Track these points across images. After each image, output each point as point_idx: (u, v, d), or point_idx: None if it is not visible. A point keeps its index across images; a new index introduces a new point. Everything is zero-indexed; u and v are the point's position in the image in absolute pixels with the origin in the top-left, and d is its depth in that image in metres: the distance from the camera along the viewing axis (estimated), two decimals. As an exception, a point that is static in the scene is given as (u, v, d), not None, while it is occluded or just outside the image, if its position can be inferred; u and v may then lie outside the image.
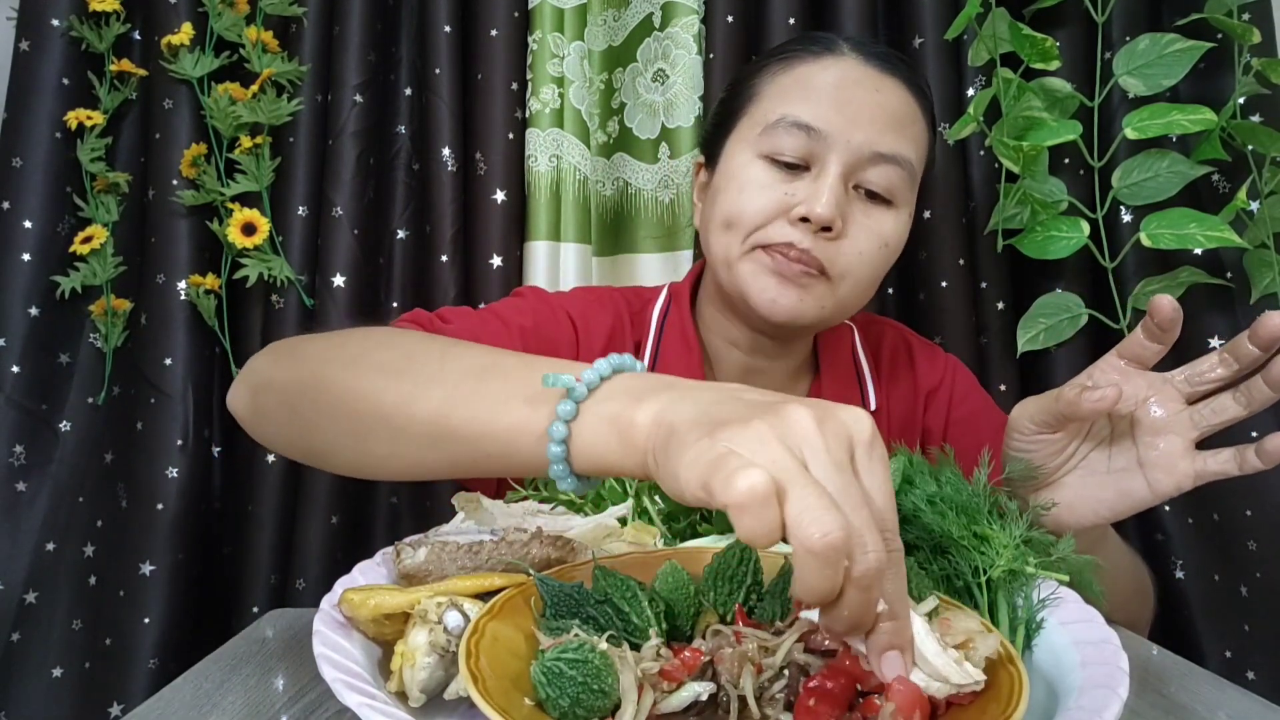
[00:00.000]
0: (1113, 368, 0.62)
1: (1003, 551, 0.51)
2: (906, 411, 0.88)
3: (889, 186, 0.74)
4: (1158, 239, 0.98)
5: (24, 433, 1.08)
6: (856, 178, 0.74)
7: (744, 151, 0.76)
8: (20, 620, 1.06)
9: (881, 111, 0.73)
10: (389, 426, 0.48)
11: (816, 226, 0.72)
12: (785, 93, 0.76)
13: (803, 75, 0.76)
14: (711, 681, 0.39)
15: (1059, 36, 1.05)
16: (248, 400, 0.61)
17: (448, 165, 1.14)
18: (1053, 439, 0.61)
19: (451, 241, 1.14)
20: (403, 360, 0.50)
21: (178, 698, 0.54)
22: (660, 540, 0.57)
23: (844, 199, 0.73)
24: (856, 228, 0.74)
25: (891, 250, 0.77)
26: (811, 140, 0.73)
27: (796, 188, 0.73)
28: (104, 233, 1.10)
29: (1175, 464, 0.59)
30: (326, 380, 0.52)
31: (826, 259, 0.73)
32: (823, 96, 0.73)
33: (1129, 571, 0.77)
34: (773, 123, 0.74)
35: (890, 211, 0.76)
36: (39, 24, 1.11)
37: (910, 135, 0.75)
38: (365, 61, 1.14)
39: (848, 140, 0.72)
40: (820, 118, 0.73)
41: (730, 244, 0.76)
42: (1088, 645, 0.45)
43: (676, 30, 1.14)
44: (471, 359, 0.49)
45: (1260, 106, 1.02)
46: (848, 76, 0.74)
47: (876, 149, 0.73)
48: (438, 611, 0.44)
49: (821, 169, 0.73)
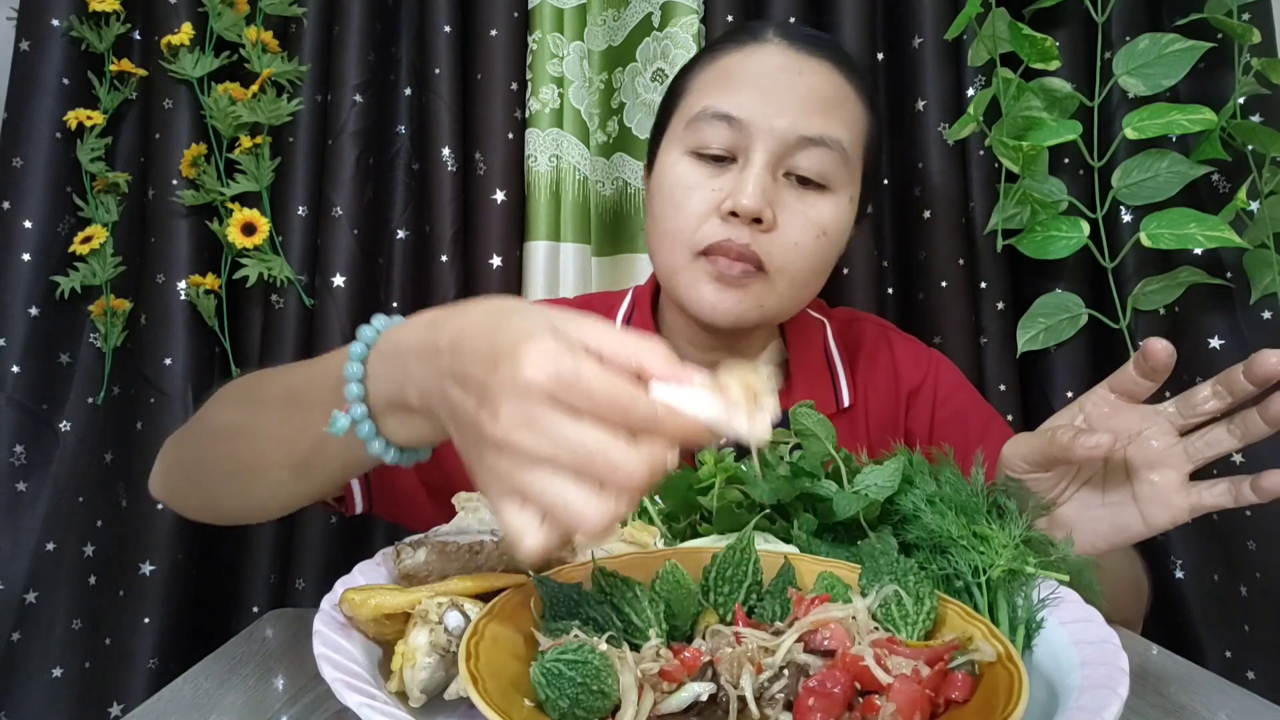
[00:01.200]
0: (1103, 400, 0.61)
1: (1002, 551, 0.51)
2: (887, 412, 0.87)
3: (821, 171, 0.72)
4: (1158, 239, 0.98)
5: (24, 432, 1.08)
6: (786, 164, 0.72)
7: (673, 150, 0.75)
8: (20, 620, 1.06)
9: (806, 95, 0.72)
10: (255, 477, 0.57)
11: (747, 219, 0.70)
12: (708, 85, 0.75)
13: (726, 66, 0.75)
14: (711, 682, 0.39)
15: (1059, 36, 1.05)
16: (161, 484, 0.69)
17: (447, 165, 1.14)
18: (1045, 477, 0.61)
19: (451, 241, 1.14)
20: (240, 417, 0.59)
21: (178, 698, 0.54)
22: (660, 540, 0.57)
23: (772, 188, 0.71)
24: (790, 216, 0.72)
25: (832, 238, 0.74)
26: (735, 130, 0.71)
27: (724, 182, 0.72)
28: (104, 233, 1.10)
29: (1171, 498, 0.59)
30: (203, 452, 0.62)
31: (763, 253, 0.72)
32: (744, 85, 0.72)
33: (1128, 570, 0.77)
34: (695, 116, 0.73)
35: (826, 197, 0.74)
36: (39, 24, 1.11)
37: (840, 116, 0.73)
38: (365, 61, 1.14)
39: (771, 127, 0.71)
40: (741, 106, 0.71)
41: (671, 256, 0.76)
42: (1088, 645, 0.45)
43: (676, 30, 1.14)
44: (277, 391, 0.57)
45: (1260, 106, 1.02)
46: (770, 63, 0.73)
47: (802, 133, 0.71)
48: (438, 612, 0.44)
49: (747, 159, 0.71)
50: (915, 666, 0.39)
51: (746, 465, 0.62)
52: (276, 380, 0.59)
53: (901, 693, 0.37)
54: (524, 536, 0.36)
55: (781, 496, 0.59)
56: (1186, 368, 1.06)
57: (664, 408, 0.36)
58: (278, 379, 0.59)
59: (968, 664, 0.41)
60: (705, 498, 0.61)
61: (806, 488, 0.59)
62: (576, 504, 0.35)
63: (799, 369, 0.85)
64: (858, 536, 0.57)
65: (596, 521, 0.35)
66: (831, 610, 0.43)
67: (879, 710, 0.37)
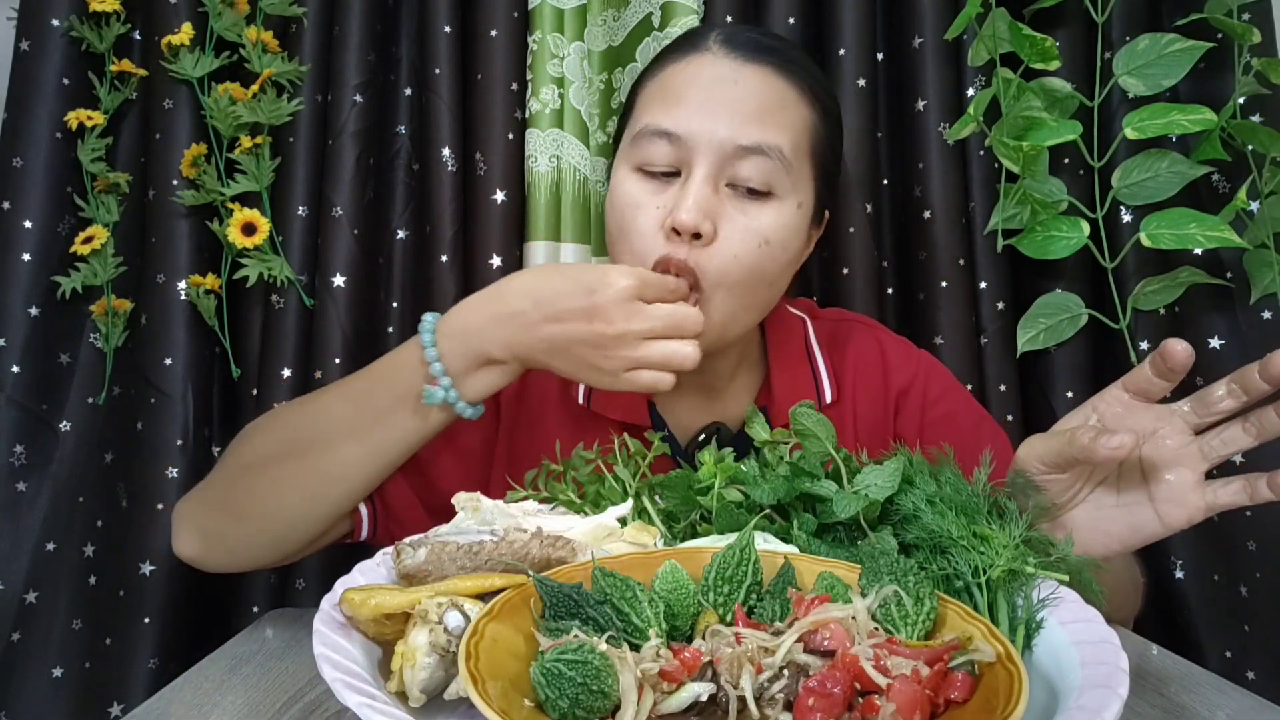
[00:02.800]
0: (1117, 400, 0.61)
1: (1002, 551, 0.51)
2: (876, 412, 0.86)
3: (762, 179, 0.72)
4: (1158, 239, 0.98)
5: (24, 432, 1.08)
6: (727, 175, 0.72)
7: (622, 167, 0.76)
8: (20, 620, 1.06)
9: (742, 104, 0.72)
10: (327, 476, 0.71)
11: (687, 235, 0.70)
12: (651, 101, 0.75)
13: (665, 80, 0.75)
14: (711, 682, 0.39)
15: (1059, 36, 1.05)
16: (193, 540, 0.73)
17: (448, 165, 1.14)
18: (1061, 478, 0.60)
19: (451, 241, 1.14)
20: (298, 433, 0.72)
21: (178, 698, 0.54)
22: (660, 540, 0.57)
23: (714, 200, 0.71)
24: (730, 228, 0.71)
25: (776, 246, 0.73)
26: (675, 146, 0.72)
27: (667, 198, 0.72)
28: (104, 233, 1.10)
29: (1186, 497, 0.59)
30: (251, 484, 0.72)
31: (700, 268, 0.70)
32: (682, 99, 0.72)
33: (1126, 570, 0.77)
34: (638, 133, 0.74)
35: (770, 204, 0.73)
36: (39, 24, 1.11)
37: (779, 121, 0.73)
38: (365, 61, 1.14)
39: (709, 139, 0.71)
40: (679, 122, 0.72)
41: None
42: (1088, 645, 0.45)
43: (676, 30, 1.14)
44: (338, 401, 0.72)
45: (1260, 106, 1.02)
46: (705, 74, 0.73)
47: (739, 142, 0.71)
48: (438, 612, 0.44)
49: (689, 173, 0.72)
50: (915, 666, 0.39)
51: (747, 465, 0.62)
52: (327, 396, 0.73)
53: (901, 693, 0.37)
54: (660, 382, 0.64)
55: (781, 496, 0.59)
56: (1186, 368, 1.06)
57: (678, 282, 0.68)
58: (329, 395, 0.73)
59: (968, 664, 0.41)
60: (705, 498, 0.61)
61: (806, 488, 0.59)
62: (681, 350, 0.64)
63: (778, 364, 0.84)
64: (858, 536, 0.57)
65: (696, 356, 0.64)
66: (831, 610, 0.43)
67: (879, 710, 0.37)
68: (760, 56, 0.74)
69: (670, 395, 0.81)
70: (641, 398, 0.82)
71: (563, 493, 0.65)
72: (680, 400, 0.83)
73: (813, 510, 0.59)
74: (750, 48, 0.74)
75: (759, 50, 0.74)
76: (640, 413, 0.82)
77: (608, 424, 0.81)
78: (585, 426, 0.81)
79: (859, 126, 1.13)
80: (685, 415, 0.83)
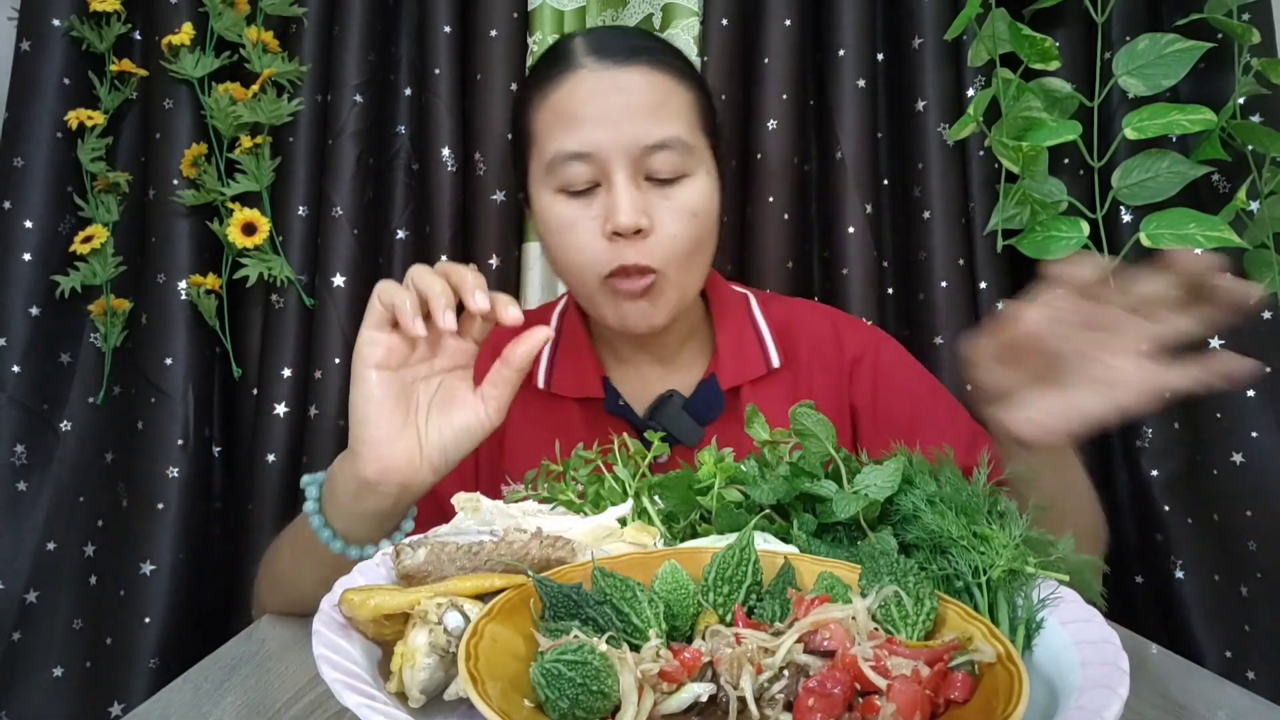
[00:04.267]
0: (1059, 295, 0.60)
1: (1002, 551, 0.51)
2: (830, 380, 0.89)
3: (674, 167, 0.78)
4: (1157, 239, 0.98)
5: (25, 432, 1.08)
6: (643, 171, 0.78)
7: (543, 192, 0.81)
8: (21, 620, 1.06)
9: (635, 107, 0.77)
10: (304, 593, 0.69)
11: (628, 234, 0.76)
12: (549, 129, 0.80)
13: (555, 104, 0.80)
14: (711, 682, 0.39)
15: (1059, 36, 1.05)
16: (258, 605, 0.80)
17: (447, 165, 1.14)
18: (1002, 370, 0.62)
19: (450, 242, 1.14)
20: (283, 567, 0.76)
21: (178, 698, 0.54)
22: (660, 540, 0.57)
23: (640, 196, 0.77)
24: (663, 214, 0.78)
25: (704, 215, 0.80)
26: (588, 163, 0.77)
27: (597, 207, 0.78)
28: (104, 232, 1.10)
29: (1130, 377, 0.58)
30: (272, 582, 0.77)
31: (651, 257, 0.77)
32: (579, 119, 0.78)
33: (1088, 513, 0.76)
34: (549, 161, 0.79)
35: (686, 184, 0.79)
36: (40, 24, 1.11)
37: (670, 112, 0.79)
38: (365, 61, 1.14)
39: (617, 148, 0.76)
40: (586, 141, 0.77)
41: (580, 284, 0.82)
42: (1088, 645, 0.45)
43: (676, 32, 1.14)
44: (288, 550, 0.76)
45: (1260, 106, 1.02)
46: (590, 90, 0.78)
47: (644, 143, 0.77)
48: (438, 612, 0.44)
49: (609, 183, 0.77)
50: (915, 667, 0.39)
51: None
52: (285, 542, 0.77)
53: (901, 693, 0.37)
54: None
55: (781, 496, 0.59)
56: (1186, 368, 1.06)
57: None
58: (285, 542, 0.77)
59: (968, 664, 0.41)
60: (705, 498, 0.61)
61: (806, 488, 0.59)
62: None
63: (723, 333, 0.89)
64: (857, 536, 0.57)
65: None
66: (831, 611, 0.43)
67: (879, 710, 0.37)
68: (633, 58, 0.79)
69: (624, 367, 0.89)
70: (596, 373, 0.88)
71: (562, 493, 0.65)
72: (634, 372, 0.89)
73: (812, 510, 0.59)
74: (622, 52, 0.80)
75: (630, 53, 0.80)
76: (595, 386, 0.87)
77: (566, 402, 0.88)
78: (546, 407, 0.87)
79: (859, 126, 1.13)
80: (640, 386, 0.89)
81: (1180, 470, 1.05)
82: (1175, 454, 1.05)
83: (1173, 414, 1.05)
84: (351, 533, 0.66)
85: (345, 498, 0.64)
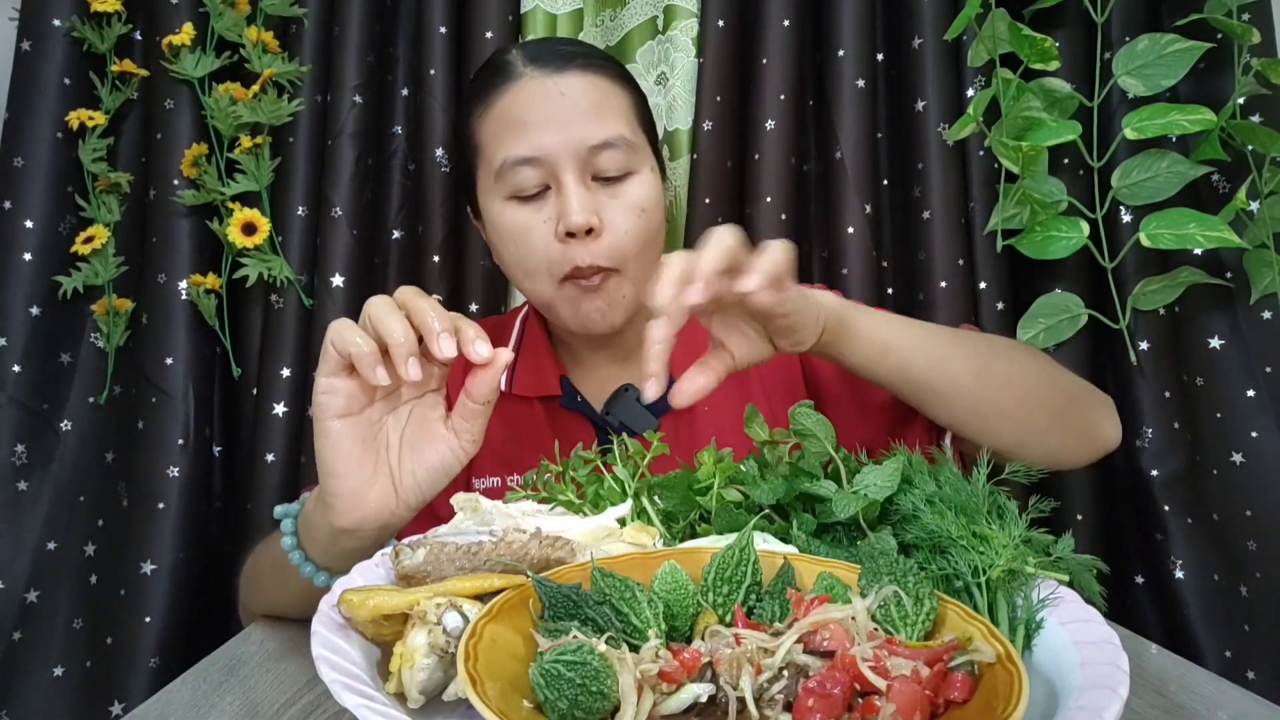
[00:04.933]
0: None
1: (1002, 551, 0.51)
2: (780, 365, 0.89)
3: (619, 165, 0.81)
4: (1157, 239, 0.98)
5: (25, 432, 1.08)
6: (590, 171, 0.80)
7: (494, 201, 0.83)
8: (21, 619, 1.06)
9: (577, 110, 0.80)
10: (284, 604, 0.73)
11: (580, 233, 0.78)
12: (496, 137, 0.82)
13: (500, 113, 0.82)
14: (711, 683, 0.39)
15: (1058, 36, 1.05)
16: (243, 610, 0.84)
17: (440, 166, 1.14)
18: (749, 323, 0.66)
19: (443, 243, 1.14)
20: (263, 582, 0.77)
21: (178, 697, 0.54)
22: (659, 541, 0.57)
23: (589, 196, 0.79)
24: (612, 213, 0.80)
25: (652, 210, 0.83)
26: (537, 167, 0.79)
27: (549, 210, 0.80)
28: (106, 233, 1.10)
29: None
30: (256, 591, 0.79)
31: (605, 257, 0.79)
32: (525, 125, 0.80)
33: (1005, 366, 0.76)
34: (498, 169, 0.81)
35: (632, 180, 0.82)
36: (40, 24, 1.11)
37: (611, 111, 0.82)
38: (364, 62, 1.14)
39: (564, 149, 0.79)
40: (533, 146, 0.79)
41: (536, 289, 0.83)
42: (1088, 645, 0.45)
43: (676, 33, 1.14)
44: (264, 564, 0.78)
45: (1260, 106, 1.02)
46: (532, 96, 0.80)
47: (590, 143, 0.79)
48: (437, 613, 0.44)
49: (559, 184, 0.79)
50: (915, 667, 0.39)
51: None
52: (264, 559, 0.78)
53: (901, 693, 0.37)
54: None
55: (781, 496, 0.59)
56: (1187, 368, 1.06)
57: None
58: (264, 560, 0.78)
59: (967, 664, 0.41)
60: (704, 498, 0.61)
61: (806, 488, 0.59)
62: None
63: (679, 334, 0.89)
64: (857, 536, 0.57)
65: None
66: (831, 611, 0.43)
67: (879, 711, 0.37)
68: (569, 64, 0.82)
69: (583, 367, 0.92)
70: (555, 372, 0.91)
71: (561, 493, 0.65)
72: (592, 371, 0.92)
73: (812, 510, 0.59)
74: (558, 59, 0.82)
75: (566, 59, 0.83)
76: (554, 385, 0.90)
77: (528, 401, 0.90)
78: (509, 407, 0.88)
79: (859, 126, 1.13)
80: (597, 383, 0.91)
81: (1180, 470, 1.05)
82: (1175, 454, 1.05)
83: (1173, 414, 1.05)
84: (332, 566, 0.64)
85: (322, 538, 0.63)
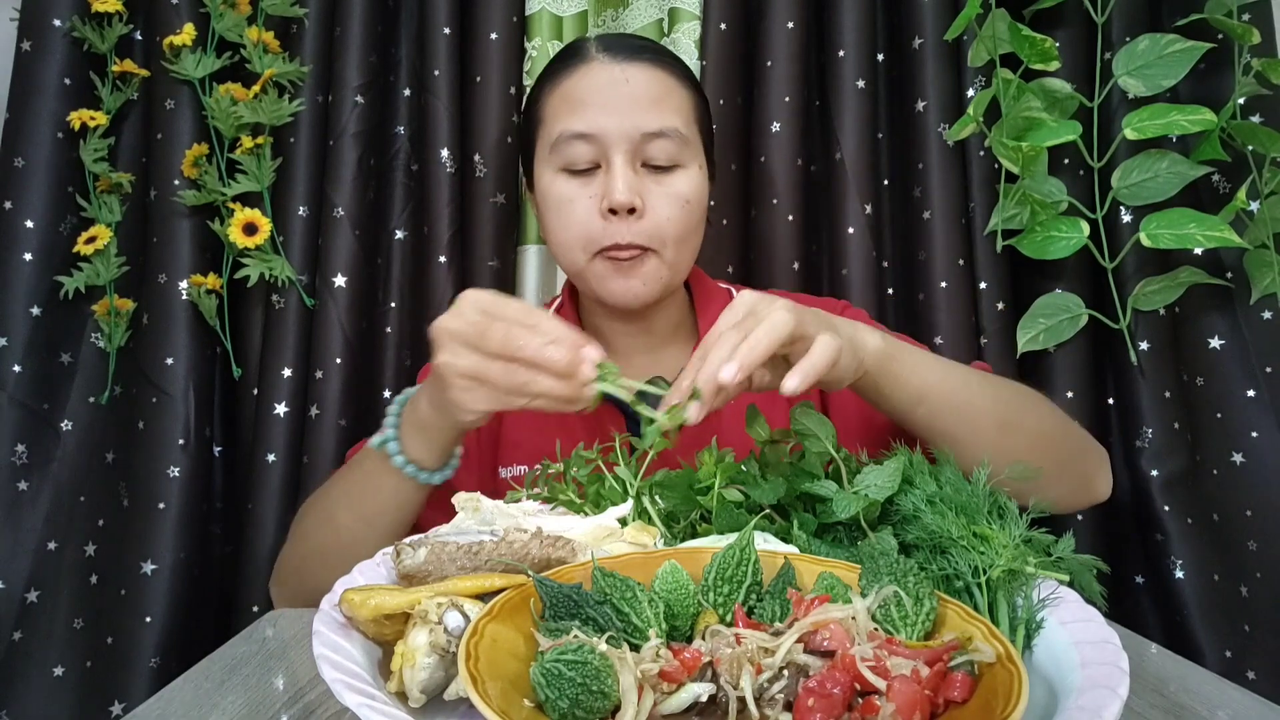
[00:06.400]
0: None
1: (1002, 551, 0.51)
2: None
3: (669, 155, 0.85)
4: (1157, 239, 0.98)
5: (26, 432, 1.08)
6: (641, 158, 0.85)
7: (546, 171, 0.87)
8: (22, 619, 1.06)
9: (638, 98, 0.84)
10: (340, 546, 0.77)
11: (623, 212, 0.83)
12: (558, 111, 0.86)
13: (566, 90, 0.86)
14: (711, 682, 0.39)
15: (1059, 37, 1.05)
16: (276, 588, 0.87)
17: (446, 167, 1.14)
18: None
19: (449, 243, 1.14)
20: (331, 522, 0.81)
21: (178, 697, 0.54)
22: (660, 540, 0.57)
23: (636, 180, 0.84)
24: (656, 199, 0.84)
25: (695, 204, 0.87)
26: (591, 144, 0.84)
27: (596, 187, 0.85)
28: (107, 233, 1.10)
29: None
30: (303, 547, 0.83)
31: (644, 237, 0.84)
32: (586, 104, 0.84)
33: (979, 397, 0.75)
34: (554, 141, 0.85)
35: (680, 173, 0.86)
36: (41, 25, 1.11)
37: (670, 106, 0.86)
38: (366, 63, 1.14)
39: (619, 132, 0.83)
40: (591, 123, 0.84)
41: (572, 259, 0.87)
42: (1088, 645, 0.45)
43: (679, 35, 1.14)
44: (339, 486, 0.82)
45: (1260, 107, 1.02)
46: (599, 78, 0.85)
47: (644, 129, 0.83)
48: (438, 612, 0.44)
49: (608, 164, 0.84)
50: (915, 667, 0.39)
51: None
52: (336, 485, 0.83)
53: (901, 693, 0.37)
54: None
55: (781, 496, 0.59)
56: (1187, 368, 1.06)
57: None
58: (337, 485, 0.83)
59: (967, 664, 0.41)
60: (705, 498, 0.61)
61: (806, 488, 0.59)
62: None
63: (705, 324, 0.95)
64: (857, 536, 0.57)
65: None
66: (831, 611, 0.43)
67: (879, 711, 0.37)
68: (639, 55, 0.87)
69: (614, 359, 0.92)
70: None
71: (563, 493, 0.65)
72: (624, 361, 0.93)
73: (813, 510, 0.59)
74: (629, 50, 0.87)
75: (636, 50, 0.87)
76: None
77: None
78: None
79: (859, 127, 1.14)
80: (628, 373, 0.90)
81: (1180, 470, 1.05)
82: (1175, 454, 1.05)
83: (1173, 414, 1.05)
84: (419, 454, 0.73)
85: (439, 438, 0.72)
